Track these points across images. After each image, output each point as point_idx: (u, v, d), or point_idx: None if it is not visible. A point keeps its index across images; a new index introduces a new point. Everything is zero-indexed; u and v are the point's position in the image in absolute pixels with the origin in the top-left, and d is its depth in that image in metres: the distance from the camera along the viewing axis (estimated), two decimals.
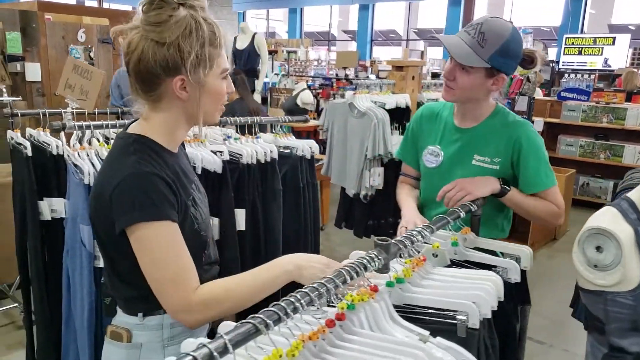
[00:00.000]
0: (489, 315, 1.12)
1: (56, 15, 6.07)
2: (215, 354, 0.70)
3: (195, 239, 1.19)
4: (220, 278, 1.16)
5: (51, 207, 2.12)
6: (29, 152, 2.05)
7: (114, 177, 1.09)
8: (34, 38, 5.79)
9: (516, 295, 1.38)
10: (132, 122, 1.23)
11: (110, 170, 1.13)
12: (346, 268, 0.97)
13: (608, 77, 10.23)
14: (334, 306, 0.98)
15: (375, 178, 3.24)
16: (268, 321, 0.79)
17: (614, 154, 6.13)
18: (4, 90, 3.19)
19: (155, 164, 1.12)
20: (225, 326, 0.93)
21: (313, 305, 0.89)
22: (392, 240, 1.10)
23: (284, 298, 0.85)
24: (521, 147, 1.61)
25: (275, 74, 7.05)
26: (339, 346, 0.92)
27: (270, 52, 9.04)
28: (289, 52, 10.10)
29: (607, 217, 1.17)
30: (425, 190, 1.78)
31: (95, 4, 13.06)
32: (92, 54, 6.20)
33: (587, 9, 13.88)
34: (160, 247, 1.08)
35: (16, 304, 3.27)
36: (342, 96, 5.29)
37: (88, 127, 1.78)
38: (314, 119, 5.29)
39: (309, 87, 5.79)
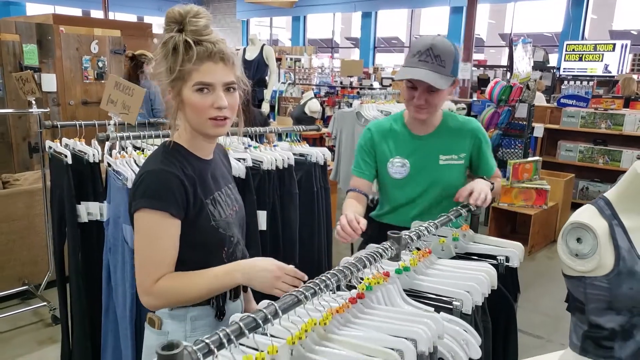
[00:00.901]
0: (480, 303, 1.31)
1: (69, 28, 6.30)
2: (269, 316, 0.90)
3: (213, 234, 1.34)
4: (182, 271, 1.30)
5: (87, 210, 2.33)
6: (69, 160, 2.26)
7: (138, 174, 1.30)
8: (49, 50, 6.03)
9: (512, 283, 1.58)
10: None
11: (140, 170, 1.33)
12: (366, 255, 1.18)
13: (608, 83, 10.40)
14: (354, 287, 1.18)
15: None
16: (307, 294, 0.99)
17: (612, 159, 6.30)
18: (34, 102, 3.40)
19: (176, 163, 1.28)
20: (264, 304, 1.14)
21: (339, 287, 1.10)
22: (403, 234, 1.30)
23: (317, 277, 1.06)
24: (481, 140, 1.90)
25: (282, 82, 7.27)
26: (362, 317, 1.12)
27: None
28: (294, 60, 10.32)
29: (586, 213, 1.37)
30: (396, 198, 1.92)
31: (101, 14, 13.28)
32: (100, 64, 6.44)
33: (587, 15, 14.06)
34: (148, 232, 1.25)
35: (44, 303, 3.47)
36: (349, 105, 5.51)
37: (128, 137, 1.98)
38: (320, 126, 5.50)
39: (315, 95, 6.01)
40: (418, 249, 1.45)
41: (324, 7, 18.31)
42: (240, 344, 0.95)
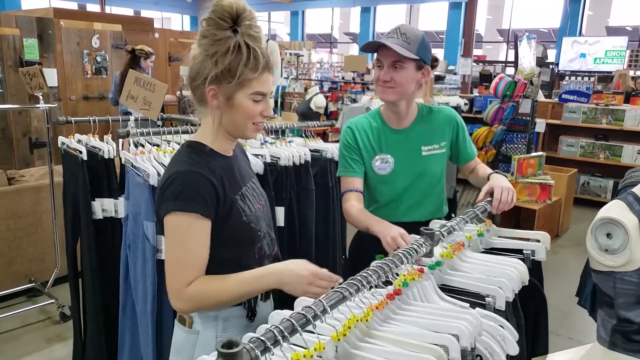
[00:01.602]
0: (511, 299, 1.32)
1: (69, 22, 6.26)
2: (318, 312, 0.90)
3: (244, 230, 1.34)
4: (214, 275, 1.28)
5: (102, 207, 2.32)
6: (85, 157, 2.25)
7: (165, 176, 1.28)
8: (50, 44, 5.99)
9: (538, 274, 1.58)
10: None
11: (166, 172, 1.32)
12: (402, 252, 1.18)
13: (606, 79, 10.46)
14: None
15: None
16: (351, 290, 0.99)
17: (613, 154, 6.34)
18: (41, 97, 3.38)
19: (202, 163, 1.28)
20: (302, 302, 1.14)
21: (381, 281, 1.10)
22: (436, 230, 1.30)
23: (358, 274, 1.06)
24: (458, 127, 1.92)
25: (285, 77, 7.26)
26: (401, 313, 1.12)
27: None
28: (296, 55, 10.29)
29: (615, 209, 1.37)
30: (384, 194, 1.89)
31: (97, 8, 13.20)
32: (99, 58, 6.41)
33: (585, 11, 14.10)
34: (178, 235, 1.23)
35: (52, 300, 3.46)
36: (352, 100, 5.50)
37: (148, 133, 1.98)
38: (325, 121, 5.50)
39: (320, 90, 6.01)
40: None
41: (322, 1, 18.27)
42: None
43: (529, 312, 1.49)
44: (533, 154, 5.08)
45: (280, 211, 2.18)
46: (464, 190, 5.63)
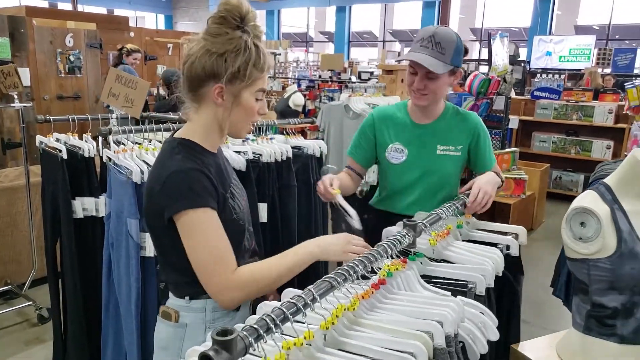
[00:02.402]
0: (492, 285, 1.37)
1: (42, 20, 6.14)
2: (308, 301, 0.93)
3: (234, 227, 1.36)
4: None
5: (83, 206, 2.31)
6: (64, 155, 2.22)
7: (162, 174, 1.25)
8: (22, 43, 5.85)
9: (515, 267, 1.64)
10: (177, 130, 1.42)
11: (159, 170, 1.28)
12: (387, 242, 1.21)
13: (576, 76, 10.74)
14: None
15: (370, 174, 3.49)
16: (339, 279, 1.02)
17: (583, 149, 6.53)
18: (16, 97, 3.32)
19: (197, 161, 1.28)
20: (290, 292, 1.17)
21: (367, 271, 1.13)
22: (418, 222, 1.34)
23: (347, 263, 1.09)
24: (479, 134, 1.93)
25: None
26: (386, 302, 1.16)
27: None
28: (273, 54, 10.26)
29: (588, 199, 1.44)
30: (393, 184, 1.98)
31: (69, 7, 12.96)
32: (72, 58, 6.30)
33: (554, 11, 14.44)
34: (202, 230, 1.23)
35: (29, 303, 3.40)
36: (329, 98, 5.54)
37: (130, 131, 1.97)
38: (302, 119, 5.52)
39: (298, 88, 6.02)
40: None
41: (298, 1, 18.26)
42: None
43: (503, 302, 1.55)
44: (507, 149, 5.20)
45: (262, 207, 2.19)
46: None
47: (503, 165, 4.97)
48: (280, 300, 1.07)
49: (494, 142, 5.49)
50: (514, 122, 6.08)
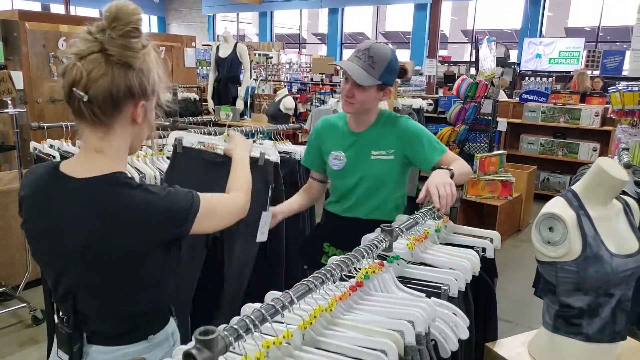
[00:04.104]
0: (463, 288, 1.45)
1: (35, 24, 6.17)
2: (286, 303, 1.00)
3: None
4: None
5: None
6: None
7: (148, 207, 1.14)
8: (15, 47, 5.90)
9: (490, 269, 1.72)
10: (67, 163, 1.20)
11: (134, 207, 1.13)
12: (363, 248, 1.29)
13: (565, 78, 10.86)
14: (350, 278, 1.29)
15: None
16: (316, 282, 1.09)
17: (570, 151, 6.64)
18: (9, 102, 3.37)
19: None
20: (271, 295, 1.24)
21: (344, 275, 1.21)
22: (395, 227, 1.42)
23: (323, 268, 1.16)
24: (408, 136, 1.97)
25: (254, 79, 7.33)
26: (362, 303, 1.24)
27: None
28: (265, 56, 10.33)
29: (556, 205, 1.52)
30: (336, 188, 2.12)
31: (62, 9, 12.95)
32: (65, 60, 6.33)
33: (545, 13, 14.58)
34: (213, 202, 1.30)
35: (24, 304, 3.45)
36: (322, 101, 5.61)
37: None
38: (294, 122, 5.60)
39: (288, 92, 6.09)
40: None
41: (290, 3, 18.33)
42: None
43: (480, 302, 1.62)
44: (494, 152, 5.30)
45: None
46: None
47: (490, 168, 5.07)
48: None
49: (482, 144, 5.59)
50: (502, 124, 6.19)
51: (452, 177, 1.76)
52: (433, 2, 10.34)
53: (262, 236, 1.87)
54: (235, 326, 0.92)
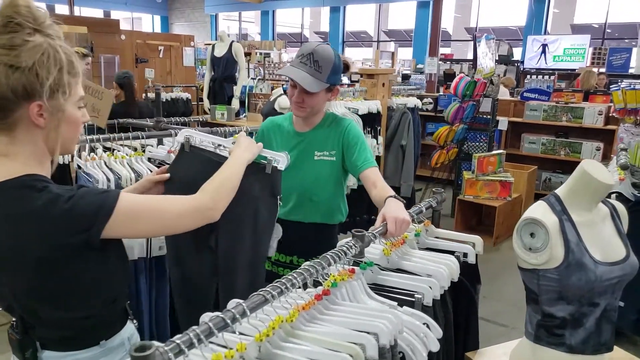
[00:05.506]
0: (438, 297, 1.39)
1: None
2: (237, 315, 0.95)
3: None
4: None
5: None
6: None
7: (47, 210, 1.06)
8: None
9: (472, 275, 1.66)
10: None
11: (34, 211, 1.07)
12: (329, 254, 1.23)
13: (569, 76, 10.72)
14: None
15: (350, 178, 3.50)
16: (274, 293, 1.04)
17: (573, 151, 6.53)
18: None
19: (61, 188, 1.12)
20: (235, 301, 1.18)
21: (307, 284, 1.15)
22: (366, 232, 1.36)
23: (284, 277, 1.10)
24: (347, 138, 1.99)
25: (252, 78, 7.28)
26: (327, 314, 1.18)
27: (244, 55, 9.22)
28: (263, 54, 10.27)
29: (538, 210, 1.45)
30: (282, 190, 2.06)
31: (66, 8, 12.93)
32: None
33: (550, 10, 14.42)
34: (142, 204, 1.18)
35: None
36: None
37: (98, 140, 1.99)
38: None
39: (284, 91, 6.02)
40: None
41: (292, 1, 18.27)
42: (210, 342, 0.99)
43: (460, 310, 1.56)
44: (493, 152, 5.21)
45: None
46: (426, 188, 5.73)
47: (489, 168, 4.99)
48: None
49: (481, 143, 5.51)
50: (503, 123, 6.10)
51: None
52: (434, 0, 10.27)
53: (270, 250, 1.79)
54: (178, 341, 0.86)
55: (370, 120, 3.76)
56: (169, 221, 1.22)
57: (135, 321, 1.35)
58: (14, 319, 1.23)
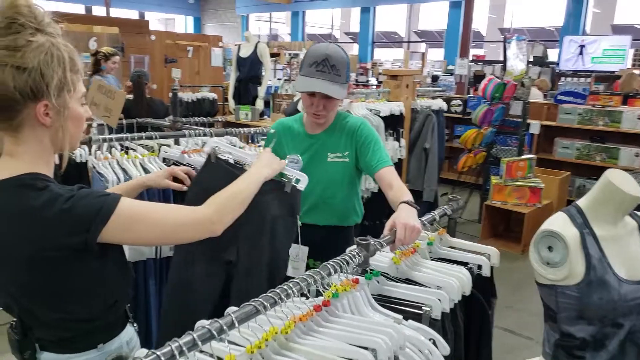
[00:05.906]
0: (448, 310, 1.31)
1: (67, 25, 6.28)
2: (225, 327, 0.90)
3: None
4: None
5: None
6: (57, 160, 2.26)
7: (44, 210, 1.05)
8: None
9: (486, 288, 1.57)
10: None
11: (31, 209, 1.06)
12: (331, 263, 1.18)
13: (608, 78, 10.33)
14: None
15: (371, 181, 3.44)
16: (266, 304, 0.99)
17: (610, 157, 6.27)
18: None
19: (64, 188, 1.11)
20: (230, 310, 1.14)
21: (304, 294, 1.10)
22: (371, 240, 1.30)
23: (279, 286, 1.06)
24: (361, 138, 1.95)
25: (278, 79, 7.27)
26: (325, 326, 1.12)
27: (273, 55, 9.22)
28: (290, 55, 10.26)
29: (558, 221, 1.37)
30: None
31: (103, 10, 13.26)
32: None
33: (588, 9, 13.95)
34: (143, 211, 1.14)
35: None
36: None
37: (111, 139, 1.99)
38: None
39: None
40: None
41: (322, 2, 18.24)
42: (201, 351, 0.95)
43: (473, 325, 1.48)
44: (523, 156, 5.05)
45: None
46: (453, 191, 5.59)
47: (518, 173, 4.83)
48: None
49: (511, 147, 5.35)
50: (535, 127, 5.92)
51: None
52: (466, 0, 10.05)
53: (295, 271, 1.74)
54: (158, 353, 0.82)
55: (393, 122, 3.68)
56: (168, 230, 1.18)
57: (135, 324, 1.33)
58: (13, 319, 1.23)
